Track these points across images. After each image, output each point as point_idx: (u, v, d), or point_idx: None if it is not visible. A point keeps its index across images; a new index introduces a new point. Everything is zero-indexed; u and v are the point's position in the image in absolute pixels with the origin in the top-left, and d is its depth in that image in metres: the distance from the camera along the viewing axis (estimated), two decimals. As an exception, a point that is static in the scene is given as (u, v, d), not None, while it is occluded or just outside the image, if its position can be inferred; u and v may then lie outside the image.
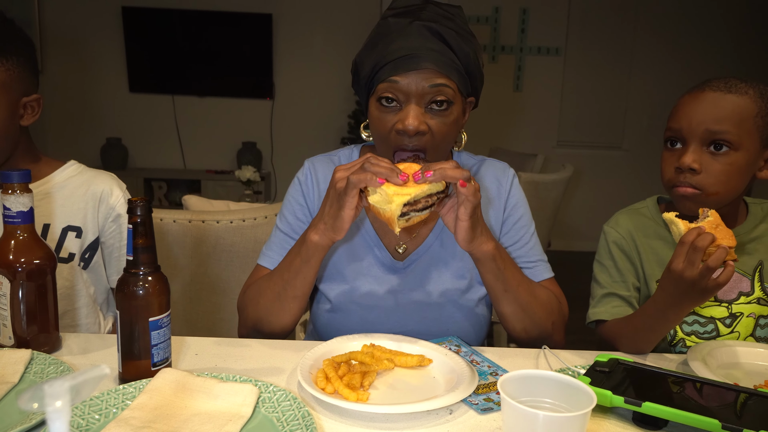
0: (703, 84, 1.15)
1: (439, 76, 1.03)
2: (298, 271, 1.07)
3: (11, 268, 0.96)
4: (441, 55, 1.03)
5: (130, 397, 0.85)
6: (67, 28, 4.91)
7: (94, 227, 1.25)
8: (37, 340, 1.00)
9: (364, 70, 1.08)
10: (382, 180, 0.93)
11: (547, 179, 3.02)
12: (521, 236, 1.20)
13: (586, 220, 5.33)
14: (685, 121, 1.13)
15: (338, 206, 0.98)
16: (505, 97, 5.25)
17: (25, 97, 1.17)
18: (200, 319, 1.78)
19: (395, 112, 1.05)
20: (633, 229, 1.26)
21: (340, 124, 5.21)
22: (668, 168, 1.16)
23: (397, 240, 1.19)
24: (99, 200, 1.25)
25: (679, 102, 1.17)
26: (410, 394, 0.92)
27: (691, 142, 1.12)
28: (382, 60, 1.04)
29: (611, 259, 1.26)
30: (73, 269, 1.23)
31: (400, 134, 1.05)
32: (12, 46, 1.13)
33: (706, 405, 0.84)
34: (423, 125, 1.03)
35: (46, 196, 1.22)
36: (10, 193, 0.94)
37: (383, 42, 1.05)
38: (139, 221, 0.88)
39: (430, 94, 1.03)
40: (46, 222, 1.21)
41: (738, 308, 1.20)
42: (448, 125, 1.06)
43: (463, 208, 0.96)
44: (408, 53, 1.02)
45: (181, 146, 5.31)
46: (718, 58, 5.14)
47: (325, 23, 5.13)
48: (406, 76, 1.02)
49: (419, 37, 1.03)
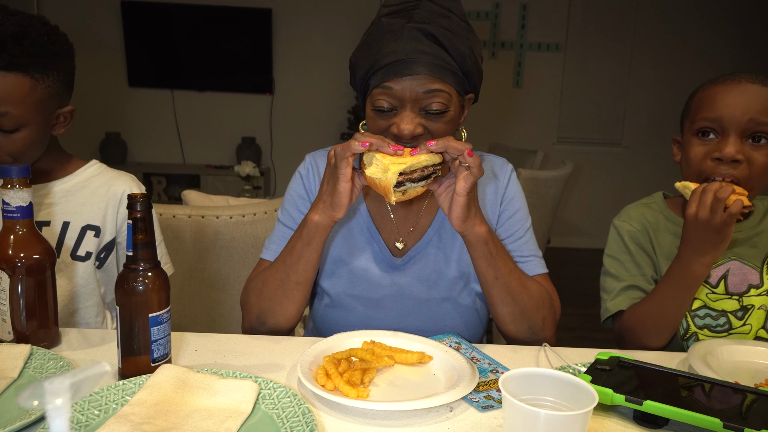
0: (733, 76, 1.12)
1: (433, 81, 1.02)
2: (300, 255, 1.07)
3: (10, 263, 0.96)
4: (434, 58, 1.02)
5: (129, 393, 0.84)
6: (66, 22, 4.83)
7: (112, 228, 1.26)
8: (36, 335, 1.00)
9: (359, 71, 1.08)
10: (365, 143, 0.96)
11: (547, 176, 3.02)
12: (516, 230, 1.20)
13: (586, 217, 5.34)
14: (727, 110, 1.10)
15: (334, 181, 1.00)
16: (505, 94, 5.24)
17: (60, 109, 1.17)
18: (200, 314, 1.78)
19: (390, 117, 1.06)
20: (645, 221, 1.27)
21: (339, 119, 5.20)
22: (701, 159, 1.14)
23: (396, 236, 1.19)
24: (119, 201, 1.26)
25: (710, 92, 1.14)
26: (411, 392, 0.92)
27: (731, 132, 1.10)
28: (375, 64, 1.04)
29: (627, 252, 1.25)
30: (89, 268, 1.23)
31: (396, 139, 1.05)
32: (55, 61, 1.12)
33: (708, 404, 0.84)
34: (419, 128, 1.04)
35: (67, 194, 1.23)
36: (9, 188, 0.94)
37: (376, 44, 1.05)
38: (139, 217, 0.88)
39: (425, 99, 1.03)
40: (66, 220, 1.21)
41: (749, 300, 1.20)
42: (445, 124, 1.06)
43: (463, 182, 0.97)
44: (400, 58, 1.01)
45: (181, 141, 5.30)
46: (720, 53, 5.14)
47: (325, 18, 5.12)
48: (399, 81, 1.02)
49: (411, 41, 1.02)
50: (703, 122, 1.13)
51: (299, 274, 1.09)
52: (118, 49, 5.06)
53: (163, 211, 1.66)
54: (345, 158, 0.98)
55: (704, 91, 1.16)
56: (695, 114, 1.16)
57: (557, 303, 1.20)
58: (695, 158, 1.15)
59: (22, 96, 1.08)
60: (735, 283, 1.21)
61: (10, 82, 1.07)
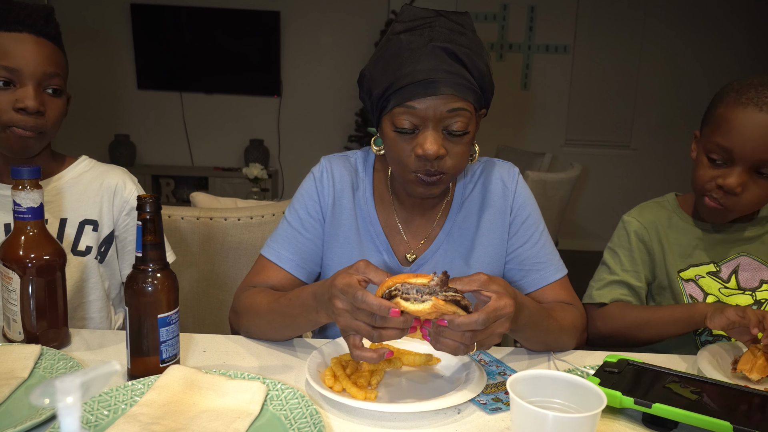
0: (757, 99, 1.10)
1: (457, 100, 1.01)
2: (297, 323, 1.04)
3: (21, 264, 0.96)
4: (458, 77, 1.01)
5: (138, 394, 0.85)
6: (76, 24, 4.93)
7: (110, 221, 1.27)
8: (46, 335, 1.00)
9: (376, 88, 1.06)
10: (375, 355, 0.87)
11: (555, 178, 3.01)
12: (530, 235, 1.19)
13: (594, 219, 5.31)
14: (738, 143, 1.10)
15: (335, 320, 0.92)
16: (513, 96, 5.23)
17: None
18: (208, 316, 1.79)
19: (413, 137, 1.04)
20: (657, 221, 1.28)
21: (347, 121, 5.21)
22: (706, 179, 1.16)
23: (406, 247, 1.19)
24: (113, 194, 1.27)
25: (731, 115, 1.12)
26: (418, 393, 0.92)
27: (738, 165, 1.12)
28: (397, 82, 1.02)
29: (628, 248, 1.28)
30: (89, 262, 1.24)
31: (420, 159, 1.03)
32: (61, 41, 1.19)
33: (717, 407, 0.83)
34: (442, 149, 1.02)
35: (61, 191, 1.24)
36: (20, 189, 0.95)
37: (396, 61, 1.03)
38: (148, 218, 0.88)
39: (448, 118, 1.02)
40: (63, 216, 1.23)
41: (762, 295, 1.22)
42: (465, 145, 1.05)
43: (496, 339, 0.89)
44: (425, 77, 1.00)
45: (189, 143, 5.32)
46: (730, 54, 5.10)
47: (332, 21, 5.13)
48: (423, 101, 1.00)
49: (434, 60, 1.01)
50: (715, 148, 1.14)
51: (295, 330, 1.07)
52: (127, 51, 5.09)
53: (172, 213, 1.67)
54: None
55: (726, 108, 1.13)
56: (711, 133, 1.16)
57: (582, 311, 1.18)
58: (702, 178, 1.18)
59: (63, 65, 1.17)
60: (747, 278, 1.23)
61: (55, 50, 1.15)
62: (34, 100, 1.09)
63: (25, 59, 1.09)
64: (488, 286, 0.87)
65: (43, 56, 1.11)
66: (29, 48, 1.10)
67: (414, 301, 0.81)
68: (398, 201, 1.19)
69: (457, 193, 1.20)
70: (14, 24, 1.09)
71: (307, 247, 1.17)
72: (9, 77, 1.09)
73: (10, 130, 1.10)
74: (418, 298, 0.81)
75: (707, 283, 1.24)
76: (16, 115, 1.09)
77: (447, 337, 0.84)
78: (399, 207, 1.20)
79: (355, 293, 0.83)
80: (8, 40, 1.09)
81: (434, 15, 1.05)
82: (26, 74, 1.09)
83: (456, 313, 0.82)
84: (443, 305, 0.80)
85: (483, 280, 0.88)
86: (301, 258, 1.17)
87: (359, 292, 0.82)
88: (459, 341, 0.84)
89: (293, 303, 1.01)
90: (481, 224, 1.18)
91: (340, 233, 1.18)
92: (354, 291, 0.83)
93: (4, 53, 1.08)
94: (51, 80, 1.13)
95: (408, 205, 1.19)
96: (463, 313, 0.82)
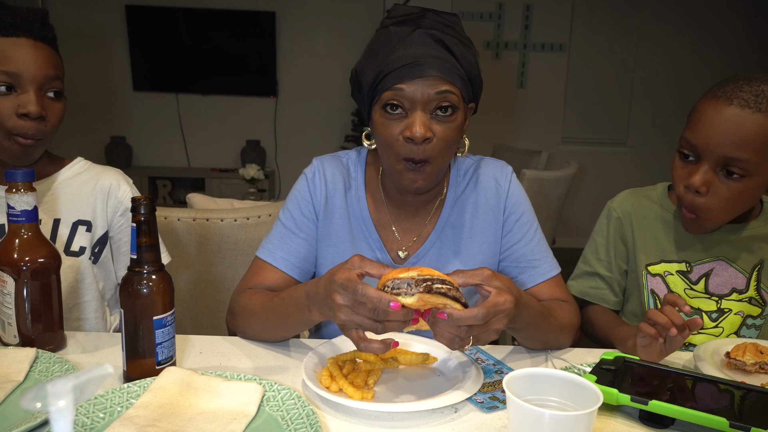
0: (731, 92, 1.05)
1: (443, 83, 1.03)
2: (291, 322, 1.04)
3: (16, 267, 0.96)
4: (445, 61, 1.03)
5: (134, 396, 0.85)
6: (71, 26, 4.92)
7: (104, 221, 1.27)
8: (41, 338, 1.00)
9: (366, 79, 1.07)
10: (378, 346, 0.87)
11: (552, 176, 3.01)
12: (525, 233, 1.19)
13: (591, 217, 5.27)
14: (703, 138, 1.05)
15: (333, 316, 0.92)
16: (509, 94, 5.23)
17: None
18: (205, 317, 1.78)
19: (401, 120, 1.05)
20: (632, 210, 1.27)
21: (344, 121, 5.20)
22: (679, 182, 1.12)
23: (399, 245, 1.19)
24: (107, 195, 1.27)
25: (701, 108, 1.08)
26: (415, 393, 0.92)
27: (704, 162, 1.06)
28: (385, 68, 1.03)
29: (605, 236, 1.29)
30: (84, 263, 1.24)
31: (407, 142, 1.04)
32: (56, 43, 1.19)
33: (714, 403, 0.83)
34: (429, 132, 1.03)
35: (56, 192, 1.24)
36: (14, 192, 0.94)
37: (385, 50, 1.05)
38: (143, 220, 0.88)
39: (436, 100, 1.03)
40: (56, 217, 1.23)
41: (727, 304, 1.19)
42: (452, 131, 1.06)
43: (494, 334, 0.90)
44: (412, 61, 1.02)
45: (185, 144, 5.31)
46: (725, 52, 5.11)
47: (328, 21, 5.12)
48: (411, 83, 1.02)
49: (423, 45, 1.03)
50: (684, 143, 1.10)
51: (290, 330, 1.07)
52: (123, 53, 5.08)
53: (168, 215, 1.67)
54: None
55: (702, 102, 1.09)
56: (685, 128, 1.12)
57: (576, 308, 1.19)
58: (675, 178, 1.14)
59: (61, 67, 1.17)
60: (717, 284, 1.20)
61: (53, 53, 1.15)
62: (36, 105, 1.09)
63: (25, 63, 1.09)
64: (491, 281, 0.89)
65: (43, 60, 1.11)
66: (28, 52, 1.10)
67: (405, 295, 0.82)
68: (390, 199, 1.20)
69: (450, 191, 1.21)
70: (11, 28, 1.09)
71: (302, 247, 1.18)
72: (10, 82, 1.09)
73: (13, 138, 1.10)
74: (408, 292, 0.82)
75: (675, 281, 1.21)
76: (19, 121, 1.09)
77: (443, 329, 0.85)
78: (391, 205, 1.20)
79: (355, 287, 0.83)
80: (7, 45, 1.09)
81: (423, 11, 1.07)
82: (27, 79, 1.09)
83: (447, 305, 0.83)
84: (429, 297, 0.82)
85: (486, 275, 0.89)
86: (296, 258, 1.17)
87: (359, 286, 0.83)
88: (455, 334, 0.85)
89: (286, 302, 1.02)
90: (474, 223, 1.19)
91: (333, 232, 1.18)
92: (354, 285, 0.83)
93: (4, 58, 1.08)
94: (52, 83, 1.13)
95: (400, 202, 1.19)
96: (453, 303, 0.83)
